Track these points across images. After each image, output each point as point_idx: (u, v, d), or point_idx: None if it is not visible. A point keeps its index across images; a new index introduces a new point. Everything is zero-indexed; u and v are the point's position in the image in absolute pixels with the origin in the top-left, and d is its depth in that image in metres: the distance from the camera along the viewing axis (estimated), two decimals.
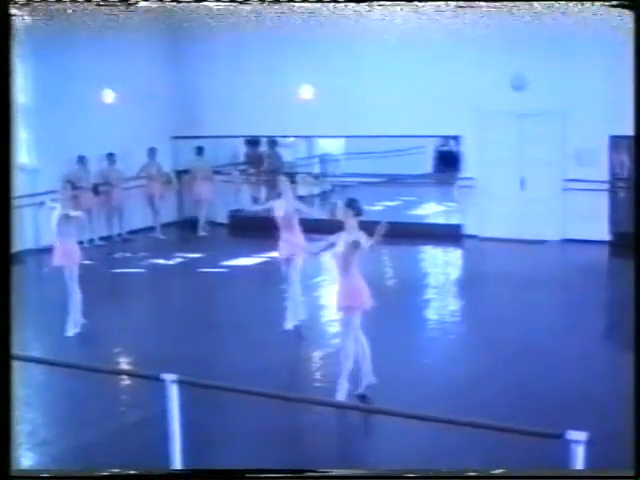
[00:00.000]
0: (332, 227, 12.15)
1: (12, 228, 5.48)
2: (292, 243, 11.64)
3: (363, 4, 6.32)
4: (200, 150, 21.07)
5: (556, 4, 9.59)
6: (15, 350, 5.56)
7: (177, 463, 6.32)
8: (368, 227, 11.61)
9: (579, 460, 4.97)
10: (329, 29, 16.91)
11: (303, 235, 11.97)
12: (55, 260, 12.38)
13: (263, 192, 23.37)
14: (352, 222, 9.17)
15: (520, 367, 10.08)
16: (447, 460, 7.58)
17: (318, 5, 10.34)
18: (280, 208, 11.96)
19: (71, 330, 12.18)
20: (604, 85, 17.05)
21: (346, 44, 18.53)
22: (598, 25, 14.51)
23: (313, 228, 12.17)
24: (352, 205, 9.26)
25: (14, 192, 5.54)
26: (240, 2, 7.45)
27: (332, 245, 9.38)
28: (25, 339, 11.39)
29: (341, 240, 9.18)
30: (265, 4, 7.30)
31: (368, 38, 18.17)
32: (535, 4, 9.81)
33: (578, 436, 5.00)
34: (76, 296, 12.27)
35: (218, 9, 6.18)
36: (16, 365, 5.70)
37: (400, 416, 6.57)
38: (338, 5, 7.74)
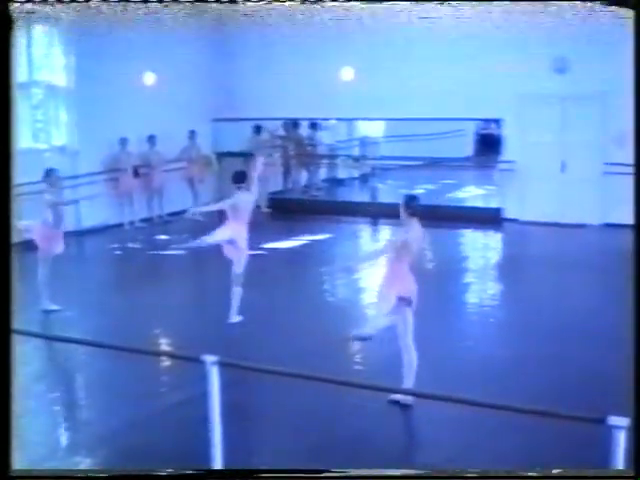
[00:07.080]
0: (372, 210, 12.21)
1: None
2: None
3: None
4: (258, 129, 21.35)
5: None
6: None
7: (217, 446, 6.33)
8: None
9: (621, 446, 4.94)
10: (371, 12, 16.88)
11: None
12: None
13: (304, 175, 23.43)
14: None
15: (560, 350, 10.02)
16: (486, 445, 7.59)
17: None
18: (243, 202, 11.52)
19: None
20: None
21: (388, 27, 18.43)
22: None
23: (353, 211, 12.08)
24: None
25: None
26: None
27: None
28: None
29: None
30: None
31: (411, 22, 18.07)
32: None
33: (620, 422, 4.96)
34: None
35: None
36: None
37: (440, 399, 6.57)
38: None
